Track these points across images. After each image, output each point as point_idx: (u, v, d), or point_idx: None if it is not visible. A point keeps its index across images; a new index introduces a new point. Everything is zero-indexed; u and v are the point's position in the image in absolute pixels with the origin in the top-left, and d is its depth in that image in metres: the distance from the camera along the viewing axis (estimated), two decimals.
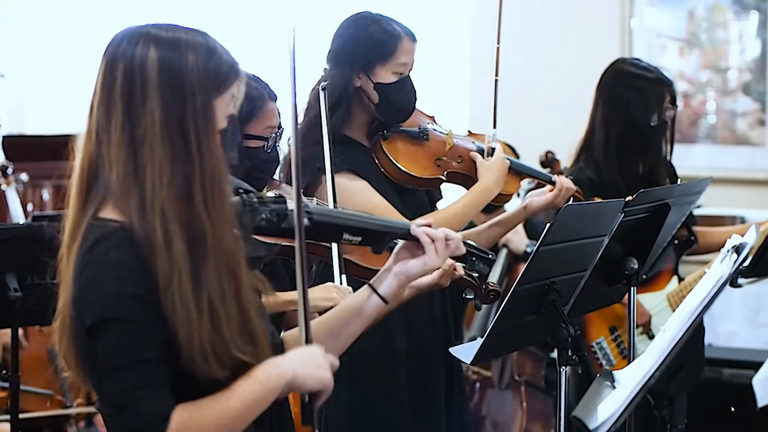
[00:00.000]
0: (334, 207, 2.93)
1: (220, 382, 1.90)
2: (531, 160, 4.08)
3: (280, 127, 2.97)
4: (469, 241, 2.37)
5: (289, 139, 3.27)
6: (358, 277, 2.74)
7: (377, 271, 2.66)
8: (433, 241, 2.20)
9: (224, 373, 1.89)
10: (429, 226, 2.22)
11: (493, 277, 5.30)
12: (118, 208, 1.92)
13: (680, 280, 4.22)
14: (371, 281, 2.25)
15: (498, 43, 3.53)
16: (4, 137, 6.07)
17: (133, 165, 1.90)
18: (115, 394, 1.87)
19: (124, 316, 1.85)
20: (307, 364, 1.95)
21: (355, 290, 2.74)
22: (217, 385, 1.91)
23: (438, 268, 2.26)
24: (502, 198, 3.42)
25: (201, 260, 1.89)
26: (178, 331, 1.86)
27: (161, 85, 1.91)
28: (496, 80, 3.52)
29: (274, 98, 2.93)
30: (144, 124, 1.90)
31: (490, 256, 2.43)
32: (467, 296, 2.48)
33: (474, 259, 2.38)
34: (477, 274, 2.57)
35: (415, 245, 2.21)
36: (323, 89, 3.09)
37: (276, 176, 3.11)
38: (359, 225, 2.19)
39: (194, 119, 1.92)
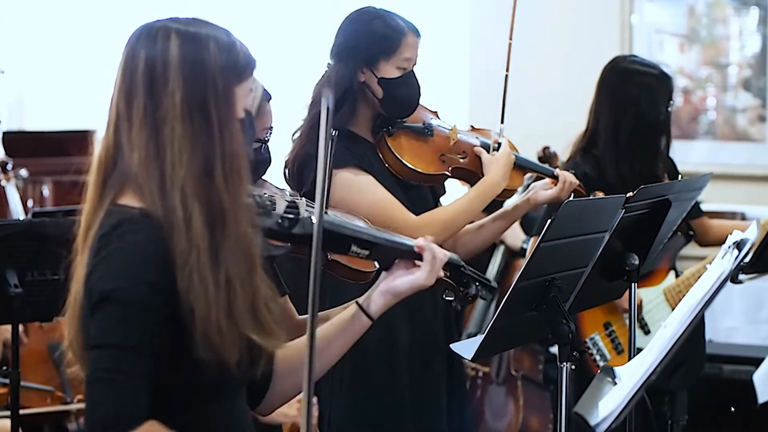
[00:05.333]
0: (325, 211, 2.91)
1: (229, 369, 1.90)
2: (530, 155, 4.08)
3: (271, 128, 2.96)
4: (470, 269, 2.37)
5: (293, 135, 3.27)
6: (344, 277, 2.73)
7: (363, 272, 2.66)
8: (433, 258, 2.21)
9: (235, 352, 1.89)
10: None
11: (490, 274, 5.30)
12: (137, 193, 1.93)
13: (677, 275, 4.22)
14: (359, 300, 2.24)
15: (510, 39, 3.53)
16: (4, 133, 6.08)
17: (154, 146, 1.92)
18: (93, 372, 1.84)
19: (124, 298, 1.84)
20: None
21: (341, 290, 2.75)
22: (225, 374, 1.90)
23: (426, 287, 2.25)
24: (507, 193, 3.43)
25: (220, 238, 1.91)
26: (195, 307, 1.86)
27: (183, 68, 1.93)
28: (506, 75, 3.53)
29: (269, 98, 2.92)
30: (165, 105, 1.92)
31: (491, 283, 2.44)
32: (447, 297, 2.48)
33: (477, 284, 2.38)
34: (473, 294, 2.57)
35: (407, 262, 2.22)
36: (332, 138, 3.06)
37: (277, 174, 3.10)
38: (369, 239, 2.20)
39: (216, 101, 1.94)
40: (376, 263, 2.29)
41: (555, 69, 6.61)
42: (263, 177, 3.00)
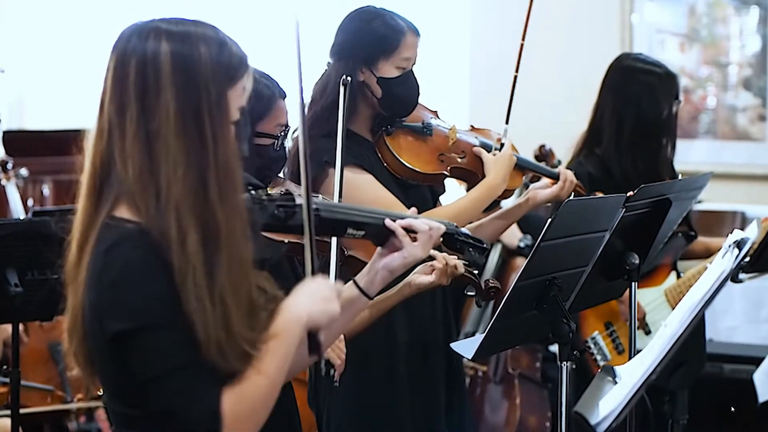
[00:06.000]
0: (340, 201, 2.92)
1: (232, 380, 1.89)
2: (529, 154, 4.09)
3: (287, 125, 2.96)
4: (463, 230, 2.39)
5: (293, 133, 3.27)
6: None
7: None
8: (413, 232, 2.22)
9: (236, 366, 1.88)
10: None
11: (488, 272, 5.30)
12: (133, 207, 1.90)
13: (678, 275, 4.22)
14: (356, 278, 2.26)
15: (523, 40, 3.53)
16: (4, 132, 6.08)
17: (148, 160, 1.88)
18: (164, 401, 1.84)
19: (156, 321, 1.83)
20: (316, 301, 1.95)
21: None
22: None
23: (421, 260, 2.26)
24: (505, 193, 3.43)
25: (214, 253, 1.88)
26: (195, 327, 1.85)
27: (175, 78, 1.89)
28: (515, 76, 3.53)
29: (284, 96, 2.92)
30: (158, 118, 1.88)
31: (485, 244, 2.44)
32: (468, 293, 2.49)
33: (470, 249, 2.39)
34: (475, 269, 2.57)
35: (396, 238, 2.23)
36: (344, 84, 3.09)
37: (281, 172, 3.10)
38: (362, 219, 2.22)
39: (209, 110, 1.91)
40: (371, 241, 2.30)
41: (555, 68, 6.61)
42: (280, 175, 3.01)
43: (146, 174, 1.88)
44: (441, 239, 2.32)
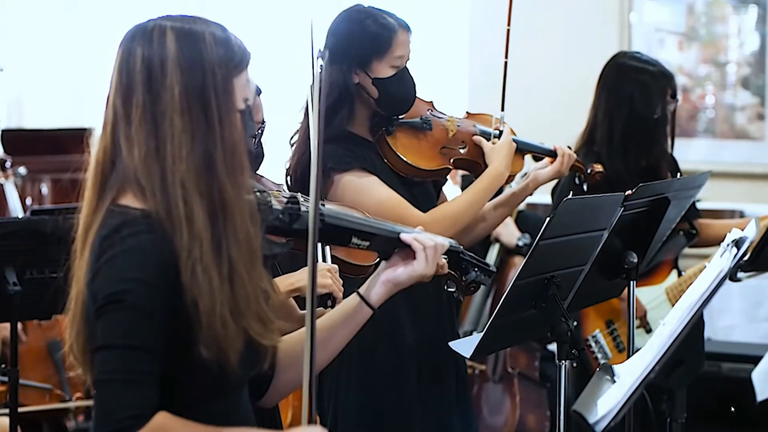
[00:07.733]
0: (322, 204, 2.91)
1: (230, 368, 1.89)
2: None
3: (263, 122, 2.94)
4: (469, 254, 2.37)
5: (291, 139, 3.26)
6: (343, 273, 2.73)
7: (360, 266, 2.66)
8: (423, 248, 2.21)
9: (238, 347, 1.89)
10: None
11: None
12: (138, 193, 1.92)
13: (679, 273, 4.22)
14: (359, 289, 2.25)
15: (508, 25, 3.52)
16: (2, 131, 6.09)
17: (154, 141, 1.91)
18: (100, 372, 1.85)
19: (130, 300, 1.84)
20: None
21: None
22: (227, 374, 1.90)
23: (427, 276, 2.24)
24: (508, 179, 3.40)
25: (222, 230, 1.91)
26: (199, 301, 1.86)
27: (181, 62, 1.93)
28: (505, 62, 3.52)
29: (259, 92, 2.91)
30: (164, 99, 1.92)
31: (491, 267, 2.43)
32: (449, 288, 2.48)
33: (476, 270, 2.38)
34: (474, 282, 2.57)
35: (406, 251, 2.22)
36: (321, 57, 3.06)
37: (272, 175, 3.09)
38: (368, 230, 2.21)
39: (215, 91, 1.94)
40: (376, 254, 2.29)
41: (554, 67, 6.61)
42: (258, 172, 3.00)
43: (152, 155, 1.91)
44: (446, 258, 2.30)
